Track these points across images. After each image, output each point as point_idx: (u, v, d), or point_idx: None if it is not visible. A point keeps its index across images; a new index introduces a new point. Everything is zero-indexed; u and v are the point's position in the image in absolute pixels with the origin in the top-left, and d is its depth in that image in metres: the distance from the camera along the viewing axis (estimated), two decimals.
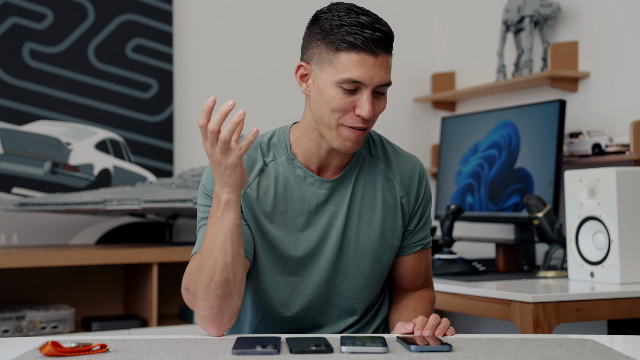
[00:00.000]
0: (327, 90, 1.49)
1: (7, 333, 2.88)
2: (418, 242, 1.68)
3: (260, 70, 3.65)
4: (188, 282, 1.48)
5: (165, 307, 3.32)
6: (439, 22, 3.97)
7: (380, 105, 1.52)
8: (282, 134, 1.62)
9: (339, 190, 1.60)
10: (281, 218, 1.58)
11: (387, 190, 1.63)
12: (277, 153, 1.60)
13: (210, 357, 1.23)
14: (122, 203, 3.15)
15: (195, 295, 1.46)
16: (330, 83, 1.48)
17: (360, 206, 1.61)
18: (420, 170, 1.68)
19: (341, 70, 1.47)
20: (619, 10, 2.98)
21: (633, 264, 2.33)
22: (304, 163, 1.59)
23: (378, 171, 1.64)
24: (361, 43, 1.46)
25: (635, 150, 2.70)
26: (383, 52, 1.48)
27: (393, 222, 1.63)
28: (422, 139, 3.92)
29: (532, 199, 2.64)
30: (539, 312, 2.13)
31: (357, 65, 1.46)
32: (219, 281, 1.43)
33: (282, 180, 1.58)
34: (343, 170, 1.61)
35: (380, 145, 1.67)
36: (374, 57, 1.47)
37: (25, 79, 3.24)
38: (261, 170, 1.59)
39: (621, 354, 1.29)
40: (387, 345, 1.30)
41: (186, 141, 3.53)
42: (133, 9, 3.43)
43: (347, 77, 1.46)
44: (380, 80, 1.48)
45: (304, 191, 1.58)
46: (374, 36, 1.46)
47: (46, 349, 1.24)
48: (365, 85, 1.47)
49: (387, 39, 1.49)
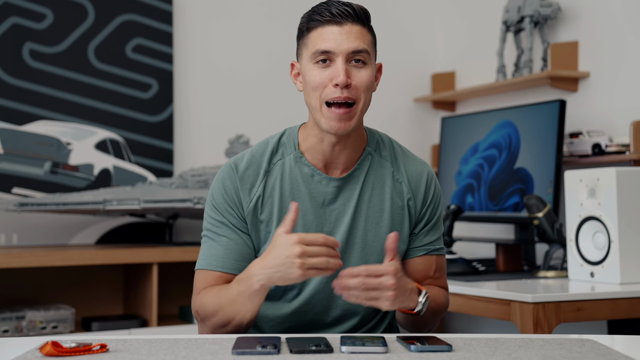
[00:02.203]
0: (306, 73, 1.55)
1: (7, 333, 2.88)
2: (423, 245, 1.65)
3: (260, 69, 3.65)
4: (202, 311, 1.55)
5: (165, 307, 3.32)
6: (439, 22, 3.97)
7: (362, 76, 1.54)
8: (291, 133, 1.64)
9: (347, 189, 1.61)
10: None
11: (395, 192, 1.63)
12: (286, 151, 1.62)
13: (210, 357, 1.23)
14: (122, 203, 3.15)
15: (204, 324, 1.55)
16: (307, 64, 1.55)
17: (368, 206, 1.61)
18: (429, 173, 1.67)
19: (311, 47, 1.54)
20: (619, 10, 2.98)
21: (633, 264, 2.33)
22: (311, 161, 1.61)
23: (387, 173, 1.64)
24: (326, 17, 1.53)
25: (635, 150, 2.70)
26: (349, 21, 1.53)
27: (400, 225, 1.62)
28: (422, 139, 3.92)
29: (532, 199, 2.64)
30: (539, 312, 2.13)
31: (322, 36, 1.53)
32: (232, 328, 1.51)
33: (288, 179, 1.60)
34: (352, 169, 1.61)
35: (389, 147, 1.67)
36: (340, 27, 1.52)
37: (25, 79, 3.24)
38: (266, 172, 1.60)
39: (621, 354, 1.29)
40: (387, 345, 1.30)
41: (186, 141, 3.53)
42: (133, 9, 3.43)
43: (316, 49, 1.53)
44: (349, 47, 1.52)
45: (311, 189, 1.59)
46: (339, 9, 1.53)
47: (46, 349, 1.24)
48: (334, 53, 1.52)
49: (355, 12, 1.54)
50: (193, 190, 3.22)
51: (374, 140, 1.66)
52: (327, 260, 1.37)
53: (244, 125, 3.58)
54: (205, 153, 3.53)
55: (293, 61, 1.63)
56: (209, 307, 1.53)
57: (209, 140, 3.55)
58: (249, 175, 1.60)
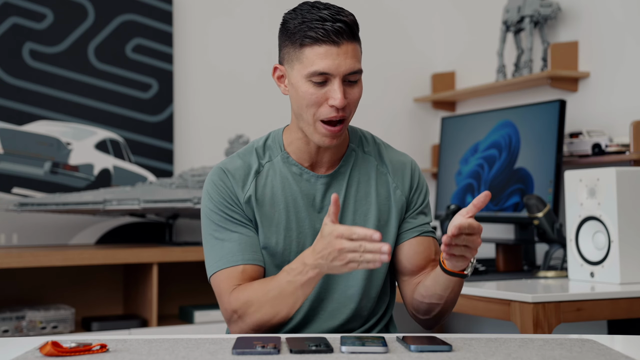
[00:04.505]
0: (299, 87, 1.55)
1: (7, 333, 2.88)
2: (416, 227, 1.68)
3: (260, 70, 3.64)
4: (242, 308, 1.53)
5: (165, 307, 3.32)
6: (439, 22, 3.96)
7: (355, 93, 1.56)
8: (275, 136, 1.68)
9: (334, 185, 1.64)
10: (282, 214, 1.61)
11: (380, 184, 1.67)
12: (273, 154, 1.65)
13: (210, 357, 1.23)
14: (122, 203, 3.15)
15: (243, 322, 1.54)
16: (301, 79, 1.55)
17: (355, 200, 1.65)
18: (412, 163, 1.72)
19: (308, 65, 1.53)
20: (619, 10, 2.98)
21: (633, 264, 2.33)
22: (298, 161, 1.64)
23: (371, 166, 1.68)
24: (322, 35, 1.51)
25: (635, 150, 2.70)
26: (346, 40, 1.53)
27: (387, 215, 1.66)
28: (422, 139, 3.92)
29: (532, 199, 2.64)
30: (539, 312, 2.13)
31: (321, 57, 1.52)
32: (277, 322, 1.52)
33: (279, 179, 1.62)
34: (337, 166, 1.65)
35: (372, 143, 1.72)
36: (337, 47, 1.52)
37: (25, 79, 3.24)
38: (257, 172, 1.63)
39: (621, 354, 1.29)
40: (387, 345, 1.30)
41: (186, 141, 3.53)
42: (133, 9, 3.43)
43: (314, 69, 1.52)
44: (347, 68, 1.53)
45: (301, 187, 1.63)
46: (334, 27, 1.51)
47: (46, 349, 1.24)
48: (332, 75, 1.52)
49: (349, 28, 1.53)
50: (193, 190, 3.22)
51: (357, 137, 1.71)
52: (361, 256, 1.36)
53: (244, 126, 3.58)
54: (205, 153, 3.53)
55: (276, 64, 1.62)
56: (253, 302, 1.51)
57: (209, 140, 3.55)
58: (240, 175, 1.62)
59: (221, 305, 1.59)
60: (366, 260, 1.36)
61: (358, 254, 1.36)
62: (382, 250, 1.33)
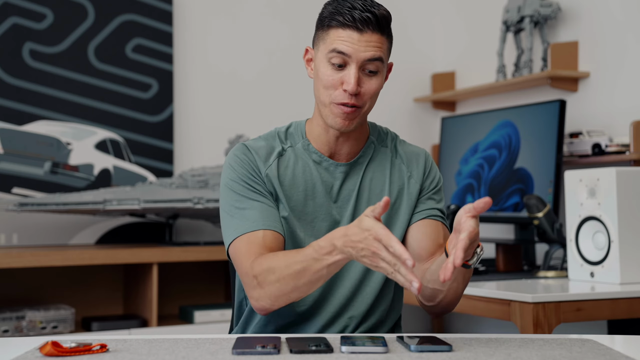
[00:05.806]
0: (320, 68, 1.60)
1: (7, 333, 2.88)
2: (424, 210, 1.68)
3: (260, 70, 3.65)
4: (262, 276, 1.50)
5: (165, 307, 3.32)
6: (439, 22, 3.97)
7: (372, 84, 1.59)
8: (298, 125, 1.72)
9: (352, 175, 1.68)
10: (300, 199, 1.64)
11: (394, 174, 1.70)
12: (294, 141, 1.69)
13: (210, 357, 1.23)
14: (122, 203, 3.14)
15: (263, 290, 1.50)
16: (323, 59, 1.59)
17: (369, 189, 1.68)
18: (426, 153, 1.77)
19: (329, 44, 1.58)
20: (619, 10, 2.98)
21: (633, 264, 2.33)
22: (318, 149, 1.68)
23: (386, 157, 1.72)
24: (348, 20, 1.55)
25: (635, 150, 2.70)
26: (370, 30, 1.56)
27: (399, 204, 1.68)
28: (422, 139, 3.92)
29: (532, 199, 2.64)
30: (539, 312, 2.13)
31: (342, 39, 1.56)
32: (294, 298, 1.50)
33: (300, 164, 1.66)
34: (356, 157, 1.69)
35: (389, 137, 1.76)
36: (360, 34, 1.55)
37: (25, 79, 3.24)
38: (280, 154, 1.67)
39: (621, 354, 1.29)
40: (387, 345, 1.30)
41: (186, 141, 3.53)
42: (133, 9, 3.43)
43: (333, 47, 1.56)
44: (365, 55, 1.56)
45: (321, 174, 1.66)
46: (362, 15, 1.55)
47: (46, 349, 1.24)
48: (350, 58, 1.56)
49: (377, 20, 1.56)
50: (193, 190, 3.22)
51: (376, 131, 1.75)
52: (393, 273, 1.33)
53: (244, 125, 3.58)
54: (205, 153, 3.53)
55: (308, 46, 1.67)
56: (275, 271, 1.48)
57: (209, 140, 3.55)
58: (262, 153, 1.66)
59: (241, 270, 1.56)
60: (396, 278, 1.34)
61: (390, 268, 1.34)
62: (412, 285, 1.31)
